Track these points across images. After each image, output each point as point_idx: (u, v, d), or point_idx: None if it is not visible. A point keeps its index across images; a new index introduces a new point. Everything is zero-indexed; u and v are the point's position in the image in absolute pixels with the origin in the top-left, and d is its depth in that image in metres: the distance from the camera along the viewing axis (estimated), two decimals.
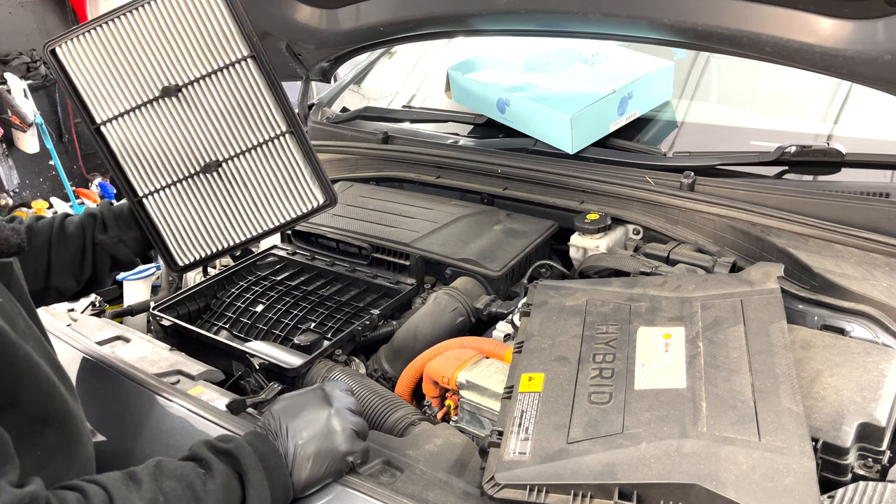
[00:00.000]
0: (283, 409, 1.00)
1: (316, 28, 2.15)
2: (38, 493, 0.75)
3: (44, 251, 1.24)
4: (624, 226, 1.68)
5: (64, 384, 0.94)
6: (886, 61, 1.34)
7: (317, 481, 0.96)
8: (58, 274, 1.25)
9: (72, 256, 1.26)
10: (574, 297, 1.31)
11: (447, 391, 1.29)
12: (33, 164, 4.17)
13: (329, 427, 0.98)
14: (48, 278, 1.25)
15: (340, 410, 1.01)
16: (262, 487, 0.90)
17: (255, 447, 0.93)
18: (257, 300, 1.60)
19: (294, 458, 0.95)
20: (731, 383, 1.03)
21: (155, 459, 0.89)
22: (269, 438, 0.96)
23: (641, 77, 1.88)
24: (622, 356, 1.13)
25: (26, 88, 3.89)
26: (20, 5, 4.09)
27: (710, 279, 1.31)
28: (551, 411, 1.03)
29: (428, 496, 0.97)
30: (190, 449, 0.94)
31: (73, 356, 1.33)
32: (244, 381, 1.39)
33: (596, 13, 1.66)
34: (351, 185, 2.03)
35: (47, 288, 1.26)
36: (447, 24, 2.00)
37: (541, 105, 1.88)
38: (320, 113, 2.49)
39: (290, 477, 0.94)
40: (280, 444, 0.96)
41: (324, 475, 0.97)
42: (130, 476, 0.85)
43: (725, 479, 0.87)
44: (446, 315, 1.47)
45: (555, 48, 2.15)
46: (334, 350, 1.39)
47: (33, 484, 0.77)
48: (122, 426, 1.21)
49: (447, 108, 2.27)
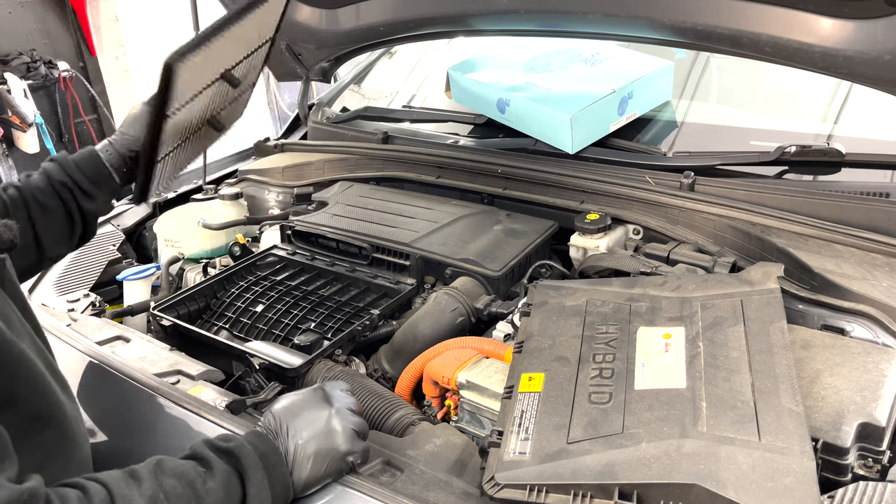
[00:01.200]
0: (284, 408, 1.00)
1: (316, 28, 2.15)
2: (37, 489, 0.75)
3: (28, 229, 1.22)
4: (624, 226, 1.68)
5: (59, 384, 0.94)
6: (886, 61, 1.35)
7: (317, 481, 0.96)
8: (49, 247, 1.25)
9: (59, 227, 1.26)
10: (574, 297, 1.31)
11: (447, 391, 1.29)
12: (33, 164, 4.14)
13: (329, 427, 0.98)
14: (40, 252, 1.24)
15: (341, 410, 1.01)
16: (263, 486, 0.90)
17: (256, 446, 0.93)
18: (257, 300, 1.60)
19: (294, 457, 0.95)
20: (731, 383, 1.03)
21: (155, 458, 0.89)
22: (270, 438, 0.96)
23: (641, 77, 1.88)
24: (622, 356, 1.13)
25: (26, 88, 3.89)
26: (20, 5, 4.09)
27: (710, 279, 1.31)
28: (551, 411, 1.03)
29: (428, 496, 0.97)
30: (190, 448, 0.94)
31: (73, 356, 1.34)
32: (244, 381, 1.39)
33: (596, 13, 1.66)
34: (351, 185, 2.03)
35: (41, 260, 1.26)
36: (447, 24, 2.00)
37: (541, 105, 1.88)
38: (320, 113, 2.49)
39: (290, 476, 0.94)
40: (280, 444, 0.96)
41: (324, 475, 0.97)
42: (131, 474, 0.85)
43: (725, 479, 0.87)
44: (446, 315, 1.47)
45: (555, 48, 2.15)
46: (334, 350, 1.39)
47: (32, 480, 0.77)
48: (122, 426, 1.21)
49: (447, 108, 2.27)
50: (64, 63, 4.22)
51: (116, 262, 1.88)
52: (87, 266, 1.81)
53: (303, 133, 2.56)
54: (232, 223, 1.97)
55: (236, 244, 1.86)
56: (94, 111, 4.53)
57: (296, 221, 1.82)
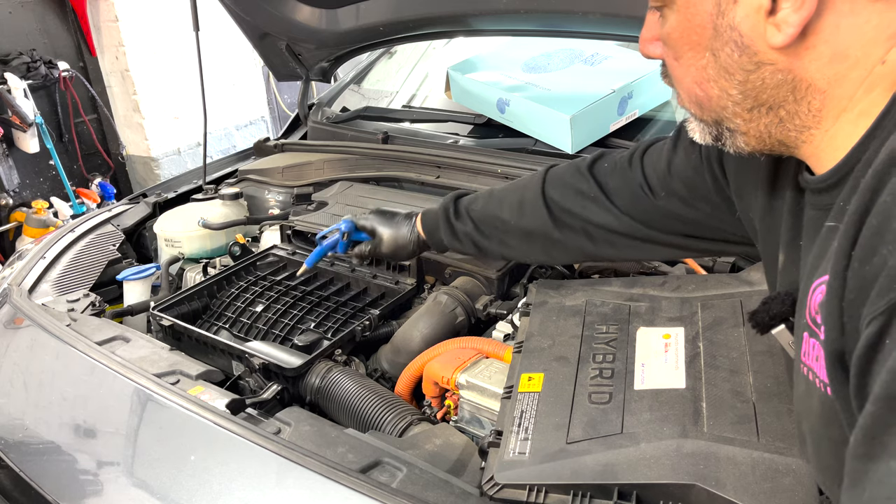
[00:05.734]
0: None
1: (316, 28, 2.15)
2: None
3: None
4: None
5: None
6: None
7: None
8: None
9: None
10: (574, 297, 1.31)
11: (447, 391, 1.29)
12: (33, 164, 4.17)
13: None
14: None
15: None
16: None
17: None
18: (257, 300, 1.60)
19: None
20: (730, 383, 1.03)
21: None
22: None
23: (641, 77, 1.88)
24: (622, 356, 1.12)
25: (26, 88, 3.89)
26: (20, 5, 4.09)
27: (710, 279, 1.31)
28: (551, 411, 1.03)
29: (428, 496, 0.97)
30: None
31: (73, 356, 1.34)
32: (244, 380, 1.39)
33: (596, 13, 1.66)
34: (351, 185, 2.03)
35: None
36: (447, 24, 2.00)
37: (541, 105, 1.88)
38: (320, 113, 2.49)
39: None
40: None
41: None
42: None
43: (725, 479, 0.86)
44: (446, 315, 1.47)
45: (555, 48, 2.15)
46: (334, 350, 1.39)
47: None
48: (122, 426, 1.21)
49: (447, 108, 2.27)
50: (64, 63, 4.22)
51: (116, 262, 1.88)
52: (87, 266, 1.81)
53: (303, 133, 2.56)
54: (232, 223, 1.97)
55: (236, 244, 1.86)
56: (94, 111, 4.53)
57: (296, 221, 1.82)
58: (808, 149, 0.71)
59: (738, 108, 0.71)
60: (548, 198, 1.23)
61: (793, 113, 0.69)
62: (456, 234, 1.36)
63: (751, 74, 0.68)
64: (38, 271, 1.74)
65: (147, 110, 4.45)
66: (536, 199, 1.24)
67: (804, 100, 0.67)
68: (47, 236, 1.96)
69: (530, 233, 1.26)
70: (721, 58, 0.69)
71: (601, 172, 1.20)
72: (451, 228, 1.37)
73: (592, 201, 1.18)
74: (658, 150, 1.14)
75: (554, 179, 1.25)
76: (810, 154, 0.72)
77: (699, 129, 0.79)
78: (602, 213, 1.17)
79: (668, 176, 1.10)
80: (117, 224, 2.05)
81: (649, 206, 1.13)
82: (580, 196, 1.20)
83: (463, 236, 1.35)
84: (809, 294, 0.66)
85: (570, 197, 1.21)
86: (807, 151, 0.72)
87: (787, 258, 0.83)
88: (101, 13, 4.25)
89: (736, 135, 0.75)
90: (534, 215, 1.25)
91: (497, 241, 1.33)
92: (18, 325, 1.50)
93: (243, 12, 2.16)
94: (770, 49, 0.65)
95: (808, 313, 0.66)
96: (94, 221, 2.03)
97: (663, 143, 1.14)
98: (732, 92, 0.70)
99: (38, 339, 1.43)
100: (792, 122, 0.69)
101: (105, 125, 4.58)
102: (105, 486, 1.13)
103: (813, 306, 0.65)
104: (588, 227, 1.20)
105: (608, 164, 1.20)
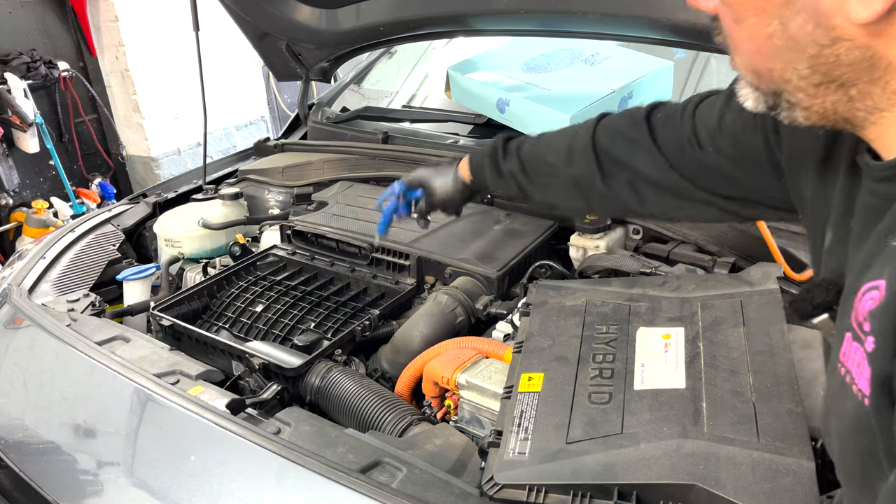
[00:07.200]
0: None
1: (316, 28, 2.15)
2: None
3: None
4: (624, 226, 1.67)
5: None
6: None
7: None
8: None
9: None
10: (574, 297, 1.31)
11: (447, 391, 1.29)
12: (33, 164, 4.16)
13: None
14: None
15: None
16: None
17: None
18: (257, 300, 1.60)
19: None
20: (730, 384, 1.03)
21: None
22: None
23: (641, 77, 1.88)
24: (622, 356, 1.12)
25: (26, 88, 3.89)
26: (20, 5, 4.09)
27: (710, 279, 1.31)
28: (551, 411, 1.03)
29: (428, 496, 0.97)
30: None
31: (73, 356, 1.34)
32: (244, 380, 1.39)
33: (596, 13, 1.66)
34: (351, 185, 2.03)
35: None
36: (447, 24, 2.00)
37: (541, 105, 1.88)
38: (320, 113, 2.49)
39: None
40: None
41: None
42: None
43: (725, 479, 0.86)
44: (446, 315, 1.47)
45: (555, 48, 2.15)
46: (334, 350, 1.39)
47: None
48: (122, 426, 1.21)
49: (447, 108, 2.27)
50: (64, 63, 4.22)
51: (116, 262, 1.88)
52: (87, 266, 1.81)
53: (303, 133, 2.56)
54: (232, 223, 1.97)
55: (236, 244, 1.86)
56: (94, 111, 4.53)
57: (296, 221, 1.82)
58: (876, 130, 0.65)
59: (804, 82, 0.65)
60: (597, 145, 1.18)
61: (865, 93, 0.63)
62: (501, 174, 1.32)
63: (824, 49, 0.61)
64: (38, 271, 1.74)
65: (147, 110, 4.45)
66: (586, 146, 1.19)
67: (881, 80, 0.61)
68: (47, 236, 1.96)
69: (576, 181, 1.22)
70: (791, 28, 0.62)
71: (656, 122, 1.14)
72: (497, 167, 1.32)
73: (642, 149, 1.13)
74: (711, 104, 1.07)
75: (606, 126, 1.20)
76: (876, 136, 0.66)
77: (753, 97, 0.73)
78: (649, 162, 1.12)
79: (717, 132, 1.04)
80: (117, 224, 2.05)
81: (695, 161, 1.07)
82: (631, 143, 1.14)
83: (508, 176, 1.31)
84: (858, 296, 0.61)
85: (619, 144, 1.16)
86: (873, 133, 0.66)
87: (834, 237, 0.77)
88: (100, 13, 4.25)
89: (796, 108, 0.68)
90: (581, 163, 1.20)
91: (541, 186, 1.28)
92: (18, 325, 1.50)
93: (243, 12, 2.16)
94: (850, 24, 0.59)
95: (854, 316, 0.61)
96: (94, 221, 2.03)
97: (717, 97, 1.07)
98: (800, 66, 0.63)
99: (38, 340, 1.43)
100: (863, 101, 0.63)
101: (105, 125, 4.58)
102: (105, 486, 1.13)
103: (861, 311, 0.59)
104: (634, 179, 1.15)
105: (661, 114, 1.15)
